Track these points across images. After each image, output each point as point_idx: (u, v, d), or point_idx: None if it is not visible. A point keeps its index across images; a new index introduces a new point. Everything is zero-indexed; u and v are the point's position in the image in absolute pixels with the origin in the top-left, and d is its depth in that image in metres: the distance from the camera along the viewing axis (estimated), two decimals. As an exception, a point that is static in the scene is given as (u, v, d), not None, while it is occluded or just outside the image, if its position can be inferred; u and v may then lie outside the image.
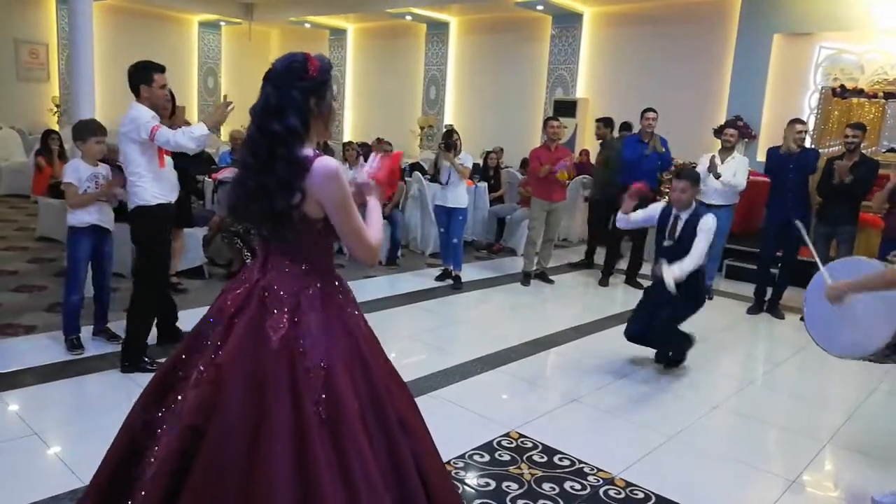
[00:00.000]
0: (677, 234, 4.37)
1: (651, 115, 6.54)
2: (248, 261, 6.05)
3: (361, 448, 1.80)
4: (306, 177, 1.81)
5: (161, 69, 3.98)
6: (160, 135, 3.80)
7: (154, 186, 3.94)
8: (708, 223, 4.25)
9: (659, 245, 4.52)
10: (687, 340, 4.51)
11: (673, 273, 4.12)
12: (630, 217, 4.63)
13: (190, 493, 1.74)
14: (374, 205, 2.12)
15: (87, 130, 4.10)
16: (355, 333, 1.96)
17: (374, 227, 2.01)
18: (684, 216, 4.36)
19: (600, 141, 7.51)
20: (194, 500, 1.73)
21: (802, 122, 6.07)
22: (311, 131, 1.89)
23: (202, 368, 1.86)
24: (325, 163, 1.83)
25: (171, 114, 4.64)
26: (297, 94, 1.83)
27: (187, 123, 4.86)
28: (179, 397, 1.89)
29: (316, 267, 1.95)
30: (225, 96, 4.13)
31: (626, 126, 8.07)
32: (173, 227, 5.24)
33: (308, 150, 1.86)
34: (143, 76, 3.90)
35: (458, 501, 2.20)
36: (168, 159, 4.07)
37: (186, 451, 1.77)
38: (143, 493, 1.80)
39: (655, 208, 4.59)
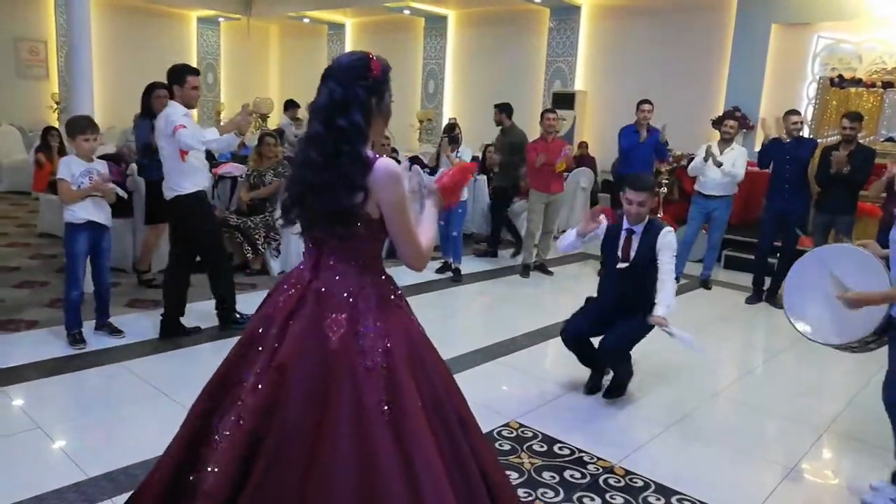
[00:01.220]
0: (632, 254, 3.75)
1: (646, 106, 6.58)
2: (248, 255, 6.07)
3: (427, 447, 1.79)
4: (369, 175, 1.81)
5: (194, 72, 4.36)
6: (178, 134, 4.12)
7: (183, 177, 4.28)
8: (669, 239, 3.72)
9: (610, 268, 3.87)
10: (630, 372, 3.96)
11: (667, 313, 3.60)
12: (571, 237, 3.91)
13: (248, 498, 1.73)
14: (431, 210, 2.08)
15: (77, 128, 4.13)
16: (412, 332, 1.96)
17: (429, 232, 1.98)
18: (639, 231, 3.78)
19: (500, 127, 7.42)
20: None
21: (797, 113, 6.08)
22: (370, 130, 1.88)
23: (259, 372, 1.85)
24: (387, 164, 1.83)
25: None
26: (361, 92, 1.82)
27: None
28: (238, 403, 1.87)
29: (369, 267, 1.94)
30: (246, 105, 4.43)
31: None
32: (157, 223, 5.45)
33: (368, 150, 1.86)
34: (177, 77, 4.29)
35: (515, 493, 2.19)
36: (195, 155, 4.32)
37: (248, 456, 1.77)
38: (205, 500, 1.79)
39: (600, 223, 3.95)
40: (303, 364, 1.80)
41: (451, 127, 6.76)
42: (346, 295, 1.88)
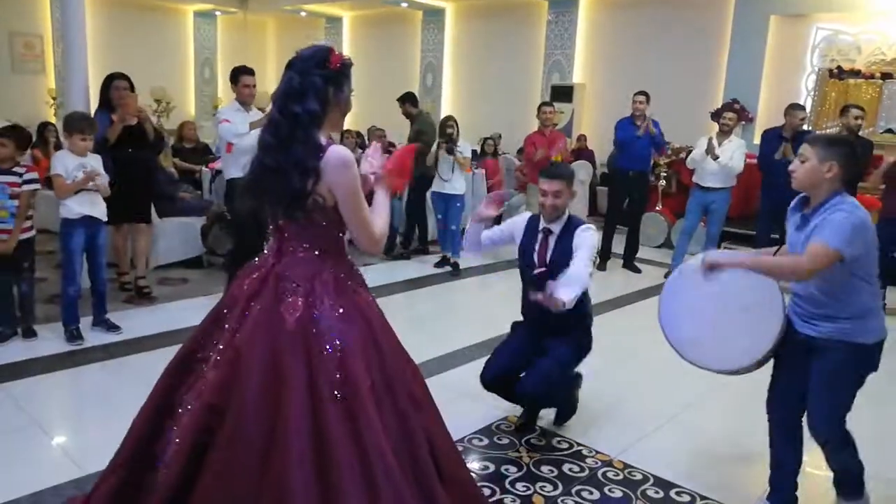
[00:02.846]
0: (548, 256, 3.19)
1: (640, 98, 6.53)
2: (246, 250, 6.06)
3: (374, 424, 1.88)
4: (321, 161, 1.88)
5: (248, 71, 4.88)
6: (219, 128, 4.75)
7: (230, 165, 4.81)
8: (588, 236, 3.14)
9: (526, 274, 3.33)
10: (572, 403, 3.44)
11: (561, 296, 2.77)
12: (483, 235, 3.40)
13: (211, 470, 1.83)
14: (382, 196, 2.14)
15: (75, 127, 4.12)
16: (368, 316, 2.03)
17: (381, 218, 2.06)
18: (556, 230, 3.21)
19: (408, 117, 7.39)
20: (216, 476, 1.83)
21: (802, 108, 6.06)
22: (326, 119, 1.96)
23: (221, 350, 1.95)
24: (339, 150, 1.92)
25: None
26: (318, 81, 1.91)
27: (140, 111, 4.90)
28: (201, 378, 1.96)
29: (329, 252, 2.02)
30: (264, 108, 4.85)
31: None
32: (133, 224, 5.09)
33: (323, 138, 1.94)
34: (233, 77, 4.91)
35: (467, 474, 2.27)
36: (239, 145, 4.66)
37: (206, 429, 1.86)
38: (165, 470, 1.89)
39: (517, 221, 3.40)
40: (259, 344, 1.89)
41: (449, 134, 6.38)
42: (303, 279, 1.96)
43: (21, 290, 4.23)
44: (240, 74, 4.85)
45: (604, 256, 6.96)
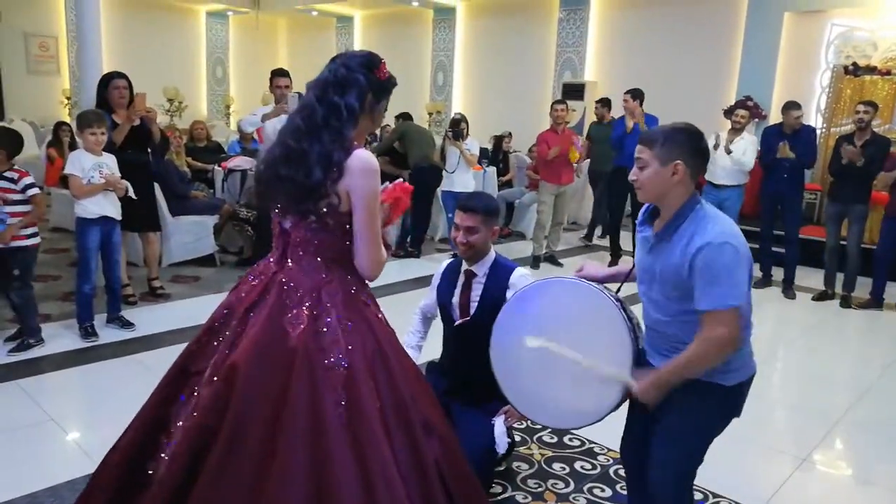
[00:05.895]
0: (472, 306, 2.69)
1: (625, 96, 6.61)
2: (258, 249, 6.10)
3: (381, 450, 1.74)
4: (346, 160, 1.77)
5: (280, 73, 5.20)
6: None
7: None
8: (524, 285, 2.40)
9: (448, 325, 2.80)
10: (505, 456, 2.89)
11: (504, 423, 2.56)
12: (416, 332, 3.03)
13: (200, 493, 1.69)
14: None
15: (85, 122, 4.14)
16: (377, 333, 1.89)
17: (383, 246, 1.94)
18: (481, 273, 2.71)
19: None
20: (205, 499, 1.69)
21: (798, 107, 6.06)
22: (359, 123, 1.85)
23: (215, 365, 1.81)
24: (366, 155, 1.80)
25: (130, 102, 4.62)
26: (363, 80, 1.84)
27: (149, 111, 4.77)
28: (194, 394, 1.84)
29: (337, 262, 1.87)
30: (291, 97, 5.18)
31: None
32: (140, 232, 5.02)
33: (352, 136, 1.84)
34: (270, 78, 5.23)
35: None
36: (266, 135, 5.12)
37: (198, 450, 1.73)
38: (157, 488, 1.77)
39: (435, 276, 2.93)
40: (258, 361, 1.75)
41: (457, 122, 6.76)
42: (310, 289, 1.82)
43: (11, 302, 4.03)
44: (274, 76, 5.24)
45: (614, 254, 6.96)
